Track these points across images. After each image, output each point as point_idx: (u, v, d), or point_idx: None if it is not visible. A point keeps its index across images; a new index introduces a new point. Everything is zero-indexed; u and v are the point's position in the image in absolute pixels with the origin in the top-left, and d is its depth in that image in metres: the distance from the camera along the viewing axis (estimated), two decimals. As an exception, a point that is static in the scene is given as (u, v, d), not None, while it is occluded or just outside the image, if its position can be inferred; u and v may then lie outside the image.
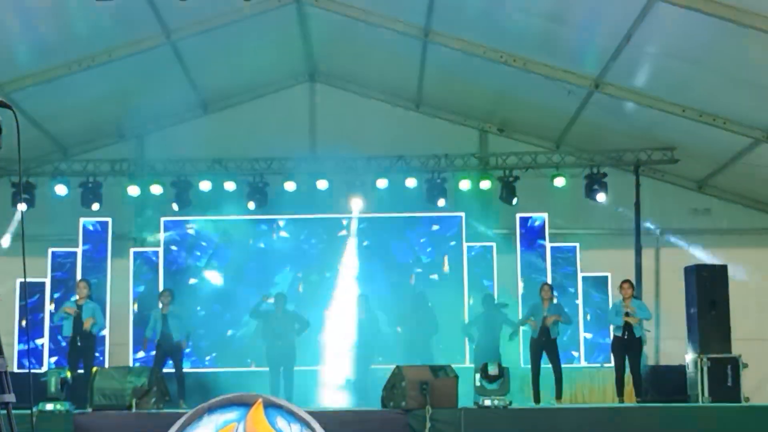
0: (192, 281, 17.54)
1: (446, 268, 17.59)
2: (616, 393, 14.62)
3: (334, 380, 16.13)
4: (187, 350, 15.80)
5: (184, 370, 15.42)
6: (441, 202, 17.11)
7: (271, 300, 15.45)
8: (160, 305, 15.28)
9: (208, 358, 17.29)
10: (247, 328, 16.92)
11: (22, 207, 16.33)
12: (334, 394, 16.07)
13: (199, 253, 17.66)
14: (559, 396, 14.68)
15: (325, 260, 17.68)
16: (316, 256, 17.75)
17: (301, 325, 15.50)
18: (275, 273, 17.49)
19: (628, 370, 14.53)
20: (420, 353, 15.43)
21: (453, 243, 17.60)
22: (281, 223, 17.75)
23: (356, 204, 17.32)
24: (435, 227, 17.70)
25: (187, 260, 17.64)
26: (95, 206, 17.12)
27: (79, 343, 14.54)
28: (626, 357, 14.48)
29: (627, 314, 14.39)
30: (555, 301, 15.23)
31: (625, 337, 14.39)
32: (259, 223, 17.73)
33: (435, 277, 17.59)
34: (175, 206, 17.24)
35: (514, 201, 17.17)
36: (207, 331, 17.23)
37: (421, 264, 17.66)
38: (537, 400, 14.63)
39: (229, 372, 16.50)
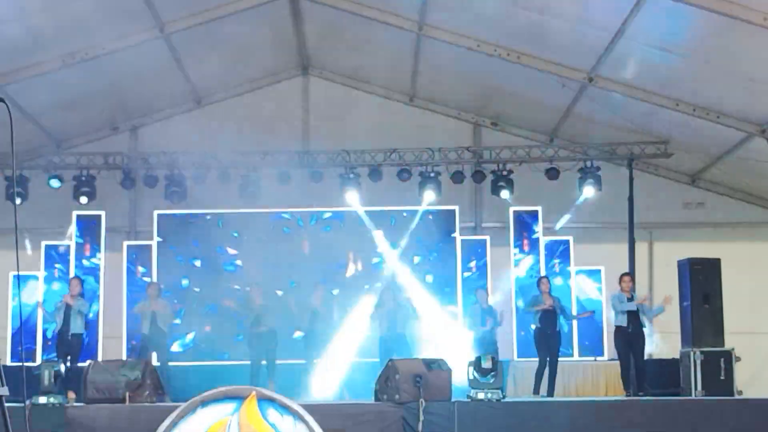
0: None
1: (439, 261, 17.56)
2: (623, 386, 14.30)
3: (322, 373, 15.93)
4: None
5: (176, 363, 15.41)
6: (434, 196, 17.07)
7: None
8: (148, 299, 15.24)
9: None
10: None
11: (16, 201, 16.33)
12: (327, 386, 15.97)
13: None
14: (551, 393, 14.59)
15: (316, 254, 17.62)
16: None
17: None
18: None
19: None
20: (395, 346, 15.26)
21: (446, 236, 17.56)
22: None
23: (349, 197, 17.22)
24: (428, 220, 17.64)
25: (178, 254, 17.59)
26: (85, 200, 17.04)
27: (68, 337, 14.58)
28: (630, 349, 14.19)
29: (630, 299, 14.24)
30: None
31: (630, 330, 14.19)
32: (253, 216, 17.64)
33: (427, 270, 17.55)
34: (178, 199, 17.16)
35: (508, 194, 17.15)
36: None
37: (414, 258, 17.62)
38: (537, 392, 14.61)
39: (218, 366, 16.53)
